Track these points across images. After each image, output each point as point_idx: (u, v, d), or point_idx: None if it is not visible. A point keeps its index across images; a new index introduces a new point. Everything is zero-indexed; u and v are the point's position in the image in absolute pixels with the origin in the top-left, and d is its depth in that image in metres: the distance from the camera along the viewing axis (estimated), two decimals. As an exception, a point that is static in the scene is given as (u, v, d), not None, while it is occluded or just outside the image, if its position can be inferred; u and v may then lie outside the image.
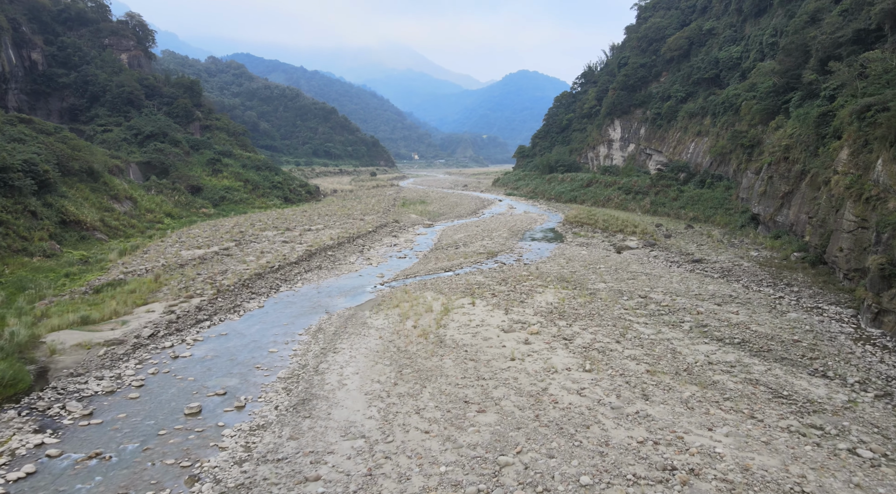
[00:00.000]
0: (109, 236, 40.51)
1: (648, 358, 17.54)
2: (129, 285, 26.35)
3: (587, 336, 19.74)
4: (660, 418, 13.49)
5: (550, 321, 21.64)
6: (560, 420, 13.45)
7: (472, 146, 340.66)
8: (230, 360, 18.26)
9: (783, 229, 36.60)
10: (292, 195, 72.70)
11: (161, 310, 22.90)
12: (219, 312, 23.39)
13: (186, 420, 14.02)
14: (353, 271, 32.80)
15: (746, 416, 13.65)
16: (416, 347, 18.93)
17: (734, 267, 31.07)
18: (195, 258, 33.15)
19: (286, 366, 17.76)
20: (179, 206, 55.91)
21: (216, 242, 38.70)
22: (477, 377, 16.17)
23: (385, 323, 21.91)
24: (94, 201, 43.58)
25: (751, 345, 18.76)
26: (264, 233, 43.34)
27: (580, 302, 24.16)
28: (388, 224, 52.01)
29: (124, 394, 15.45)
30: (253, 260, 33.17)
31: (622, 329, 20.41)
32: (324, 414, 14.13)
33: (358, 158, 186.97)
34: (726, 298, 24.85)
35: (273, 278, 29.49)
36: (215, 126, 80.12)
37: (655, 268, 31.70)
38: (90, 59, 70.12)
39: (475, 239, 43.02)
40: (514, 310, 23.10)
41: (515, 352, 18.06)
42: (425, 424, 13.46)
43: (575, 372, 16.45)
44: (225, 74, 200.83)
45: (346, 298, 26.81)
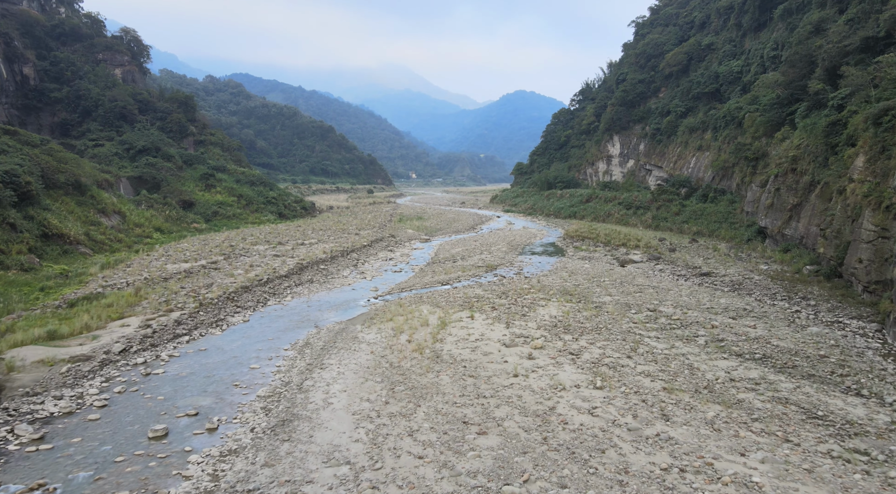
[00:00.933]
0: (94, 251, 38.98)
1: (664, 375, 16.02)
2: (106, 298, 24.81)
3: (595, 351, 18.24)
4: (684, 441, 11.96)
5: (555, 334, 20.14)
6: (571, 443, 11.92)
7: (470, 165, 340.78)
8: (207, 377, 16.70)
9: (793, 242, 35.27)
10: (287, 211, 71.35)
11: (137, 324, 21.34)
12: (200, 326, 21.85)
13: (150, 445, 12.44)
14: (346, 284, 31.33)
15: (781, 439, 12.13)
16: (410, 362, 17.41)
17: (745, 281, 29.65)
18: (181, 272, 31.64)
19: (267, 383, 16.21)
20: (170, 221, 54.46)
21: (204, 256, 37.21)
22: (477, 395, 14.64)
23: (377, 338, 20.39)
24: (80, 215, 42.13)
25: (774, 361, 17.26)
26: (255, 247, 41.87)
27: (586, 316, 22.68)
28: (383, 239, 50.60)
29: (84, 415, 13.86)
30: (241, 273, 31.67)
31: (633, 344, 18.90)
32: (305, 437, 12.57)
33: (355, 176, 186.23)
34: (741, 311, 23.39)
35: (261, 292, 27.98)
36: (210, 141, 79.01)
37: (662, 281, 30.27)
38: (83, 74, 69.19)
39: (473, 253, 41.61)
40: (516, 324, 21.61)
41: (518, 368, 16.54)
42: (419, 448, 11.91)
43: (585, 389, 14.93)
44: (223, 92, 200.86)
45: (337, 312, 25.31)
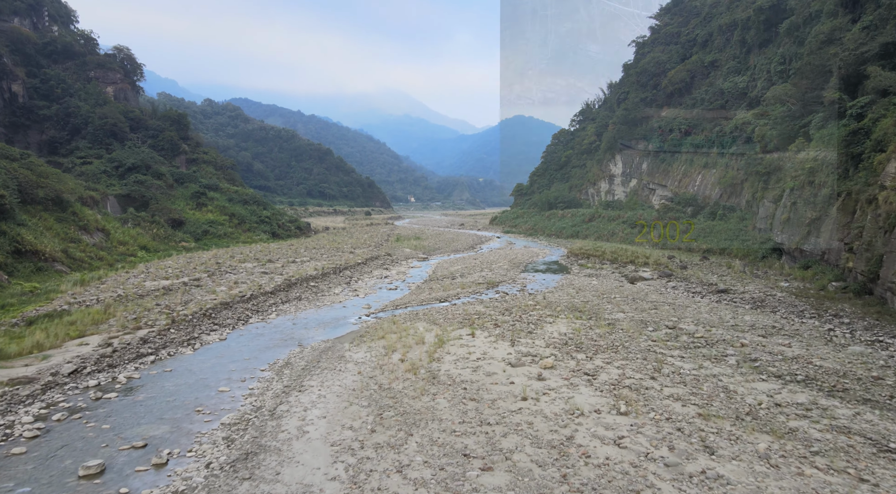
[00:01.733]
0: (72, 268, 36.78)
1: (696, 398, 13.77)
2: (71, 315, 22.55)
3: (614, 371, 15.99)
4: (737, 480, 9.68)
5: (566, 353, 17.90)
6: (598, 483, 9.64)
7: (469, 189, 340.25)
8: (166, 402, 14.41)
9: (813, 259, 33.16)
10: (281, 230, 69.33)
11: (97, 343, 19.06)
12: (169, 345, 19.58)
13: (78, 486, 10.15)
14: (337, 302, 29.14)
15: (855, 479, 9.86)
16: (402, 384, 15.15)
17: (766, 298, 27.47)
18: (159, 289, 29.42)
19: (235, 409, 13.93)
20: (157, 239, 52.37)
21: (187, 273, 35.02)
22: (480, 422, 12.39)
23: (367, 357, 18.14)
24: (59, 231, 40.04)
25: (820, 383, 15.02)
26: (243, 264, 39.70)
27: (599, 333, 20.45)
28: (379, 257, 48.46)
29: (7, 449, 11.56)
30: (224, 290, 29.46)
31: (656, 363, 16.65)
32: (270, 474, 10.29)
33: (353, 199, 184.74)
34: (769, 329, 21.17)
35: (243, 309, 25.74)
36: (202, 160, 77.31)
37: (677, 298, 28.09)
38: (74, 92, 67.78)
39: (473, 270, 39.46)
40: (522, 341, 19.38)
41: (528, 390, 14.28)
42: (409, 488, 9.64)
43: (607, 415, 12.68)
44: (221, 115, 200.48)
45: (324, 330, 23.07)
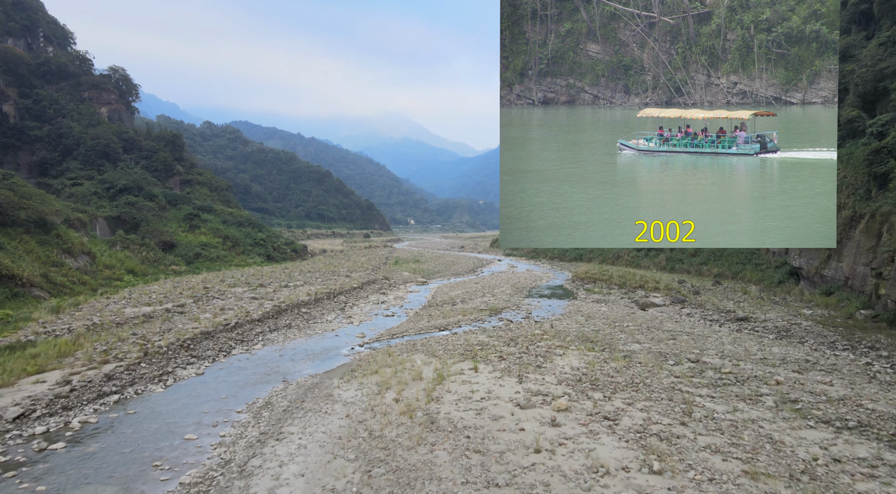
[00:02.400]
0: (52, 294, 34.88)
1: (738, 450, 11.79)
2: (35, 347, 20.60)
3: (637, 415, 14.01)
4: (815, 571, 7.71)
5: (581, 391, 15.93)
6: (638, 575, 7.65)
7: (469, 212, 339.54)
8: (122, 454, 12.42)
9: (835, 284, 31.29)
10: (276, 253, 67.53)
11: (55, 380, 17.05)
12: (137, 381, 17.60)
13: (-15, 573, 8.18)
14: (330, 330, 27.21)
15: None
16: (396, 430, 13.17)
17: (791, 327, 25.50)
18: (139, 316, 27.48)
19: (201, 463, 11.94)
20: (147, 262, 50.53)
21: (173, 298, 33.09)
22: (486, 483, 10.41)
23: (357, 395, 16.17)
24: (41, 255, 38.24)
25: (877, 431, 13.04)
26: (233, 289, 37.76)
27: (615, 367, 18.49)
28: (376, 281, 46.54)
29: (-87, 518, 9.61)
30: (208, 317, 27.51)
31: (684, 405, 14.67)
32: (229, 559, 8.31)
33: (352, 221, 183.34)
34: (803, 363, 19.20)
35: (226, 339, 23.76)
36: (197, 181, 75.80)
37: (695, 327, 26.14)
38: (66, 112, 66.56)
39: (475, 295, 37.52)
40: (531, 377, 17.41)
41: (541, 439, 12.31)
42: (401, 579, 7.65)
43: (637, 474, 10.69)
44: (220, 138, 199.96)
45: (313, 362, 21.10)
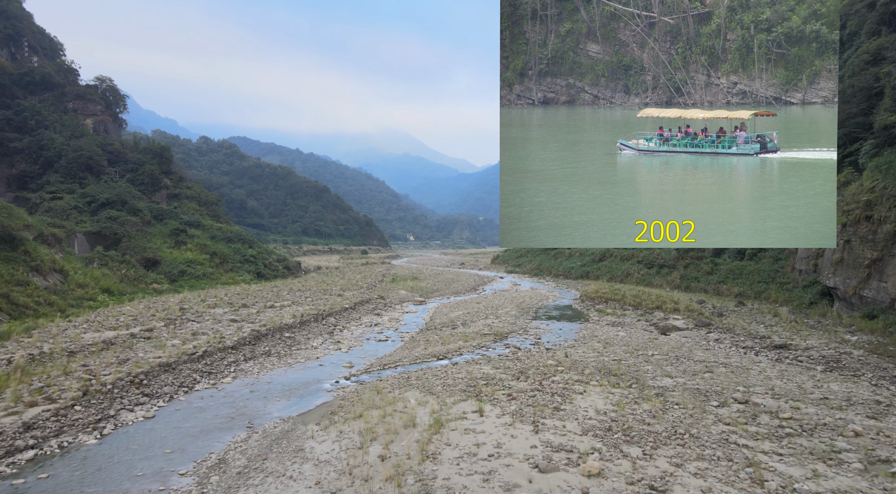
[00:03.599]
0: (13, 316, 31.60)
1: (844, 544, 8.58)
2: (-42, 383, 17.36)
3: (692, 483, 10.77)
4: None
5: (614, 446, 12.71)
6: None
7: (469, 228, 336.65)
8: (6, 545, 9.22)
9: (878, 306, 28.12)
10: (267, 271, 64.32)
11: (-41, 429, 13.82)
12: (66, 430, 14.36)
13: None
14: (314, 358, 24.03)
15: None
16: (377, 510, 9.95)
17: (840, 356, 22.27)
18: (98, 343, 24.21)
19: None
20: (126, 281, 47.26)
21: (143, 321, 29.86)
22: None
23: (334, 450, 12.95)
24: (3, 273, 35.05)
25: None
26: (212, 310, 34.52)
27: (648, 410, 15.27)
28: (370, 300, 43.32)
29: None
30: (176, 344, 24.24)
31: (750, 469, 11.45)
32: None
33: (350, 237, 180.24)
34: (874, 406, 15.97)
35: (189, 371, 20.49)
36: (185, 195, 72.74)
37: (730, 356, 22.92)
38: (49, 124, 63.76)
39: (477, 317, 34.30)
40: (548, 424, 14.19)
41: (573, 528, 9.10)
42: None
43: None
44: (216, 153, 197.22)
45: (288, 400, 17.88)
